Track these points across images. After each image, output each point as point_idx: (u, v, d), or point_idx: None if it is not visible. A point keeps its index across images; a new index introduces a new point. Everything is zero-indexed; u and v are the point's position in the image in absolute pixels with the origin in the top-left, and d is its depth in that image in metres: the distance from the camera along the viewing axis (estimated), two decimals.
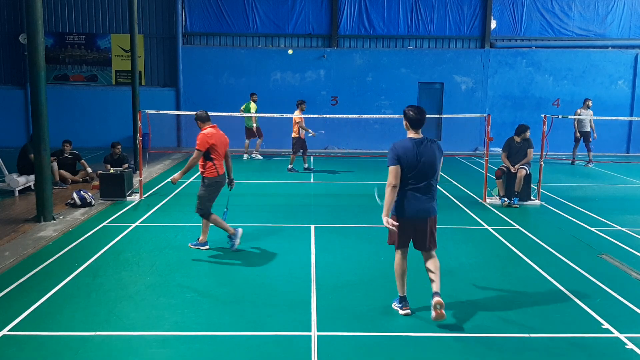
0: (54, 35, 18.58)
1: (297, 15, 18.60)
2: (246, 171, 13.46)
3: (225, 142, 7.02)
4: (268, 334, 4.71)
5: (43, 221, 8.25)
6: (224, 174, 6.98)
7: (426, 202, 4.95)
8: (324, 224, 8.47)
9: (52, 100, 10.37)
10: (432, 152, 4.89)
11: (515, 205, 9.74)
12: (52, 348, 4.45)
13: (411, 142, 4.88)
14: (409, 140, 4.91)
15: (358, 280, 6.04)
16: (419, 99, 18.81)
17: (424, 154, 4.85)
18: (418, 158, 4.83)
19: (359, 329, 4.82)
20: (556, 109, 18.47)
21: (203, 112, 7.07)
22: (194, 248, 7.04)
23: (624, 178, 13.31)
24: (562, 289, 5.83)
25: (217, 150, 6.81)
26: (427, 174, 4.89)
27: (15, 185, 10.24)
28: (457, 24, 18.70)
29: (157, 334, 4.71)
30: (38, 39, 8.07)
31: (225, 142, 7.01)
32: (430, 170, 4.90)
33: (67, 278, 5.96)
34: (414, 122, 4.92)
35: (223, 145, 6.94)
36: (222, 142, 6.93)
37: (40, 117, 8.20)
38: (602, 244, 7.53)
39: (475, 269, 6.50)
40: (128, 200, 9.95)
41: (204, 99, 18.27)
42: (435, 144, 4.98)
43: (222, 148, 6.93)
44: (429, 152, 4.88)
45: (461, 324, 4.95)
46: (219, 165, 6.85)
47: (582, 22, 18.72)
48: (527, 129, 9.83)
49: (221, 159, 6.91)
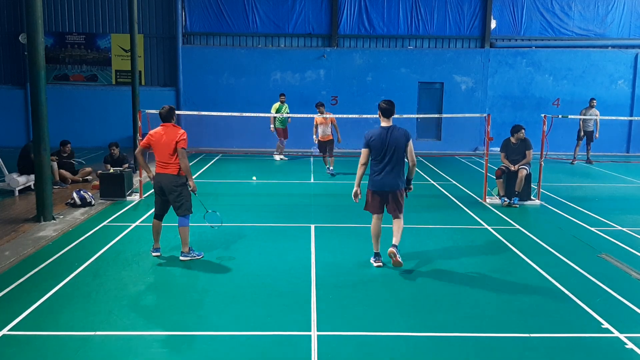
0: (54, 35, 18.58)
1: (297, 15, 18.60)
2: (246, 171, 13.45)
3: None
4: (268, 334, 4.71)
5: (43, 221, 8.25)
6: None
7: (392, 179, 6.10)
8: (324, 224, 8.46)
9: (52, 100, 10.37)
10: (398, 137, 6.01)
11: (515, 205, 9.74)
12: (53, 348, 4.45)
13: (381, 129, 6.02)
14: (379, 128, 6.05)
15: (358, 280, 6.03)
16: (418, 98, 18.82)
17: (391, 139, 5.98)
18: (386, 142, 5.97)
19: (359, 329, 4.82)
20: (556, 109, 18.47)
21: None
22: (188, 259, 6.64)
23: (624, 178, 13.31)
24: (562, 288, 5.83)
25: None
26: (392, 155, 6.01)
27: (15, 185, 10.24)
28: (457, 23, 18.70)
29: (157, 334, 4.71)
30: (38, 38, 8.07)
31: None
32: (396, 152, 6.01)
33: (67, 278, 5.96)
34: (385, 111, 6.05)
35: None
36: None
37: (40, 117, 8.19)
38: (602, 244, 7.53)
39: (475, 268, 6.49)
40: (128, 200, 9.95)
41: (204, 98, 18.28)
42: (401, 131, 6.05)
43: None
44: (395, 137, 6.00)
45: (461, 324, 4.95)
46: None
47: (582, 22, 18.72)
48: (522, 129, 9.83)
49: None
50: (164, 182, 6.50)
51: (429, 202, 10.36)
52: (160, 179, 6.54)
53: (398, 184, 6.14)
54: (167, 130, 6.50)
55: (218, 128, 17.97)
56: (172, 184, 6.48)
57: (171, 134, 6.47)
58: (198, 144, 18.40)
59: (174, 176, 6.48)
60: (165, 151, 6.47)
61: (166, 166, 6.49)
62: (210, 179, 12.81)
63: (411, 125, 18.50)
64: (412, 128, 18.64)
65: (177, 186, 6.49)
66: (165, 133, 6.49)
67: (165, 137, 6.46)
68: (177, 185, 6.49)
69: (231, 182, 12.23)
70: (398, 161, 6.06)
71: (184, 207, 6.55)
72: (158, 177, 6.57)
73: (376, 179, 6.15)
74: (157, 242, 6.77)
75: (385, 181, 6.11)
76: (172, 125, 6.55)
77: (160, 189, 6.57)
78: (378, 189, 6.17)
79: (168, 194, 6.53)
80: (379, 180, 6.13)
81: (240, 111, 15.56)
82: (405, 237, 7.62)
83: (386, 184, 6.11)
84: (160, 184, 6.53)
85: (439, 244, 7.48)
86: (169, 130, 6.50)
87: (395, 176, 6.09)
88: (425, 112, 18.47)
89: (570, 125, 15.63)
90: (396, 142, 5.99)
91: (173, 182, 6.48)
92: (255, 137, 17.95)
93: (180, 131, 6.52)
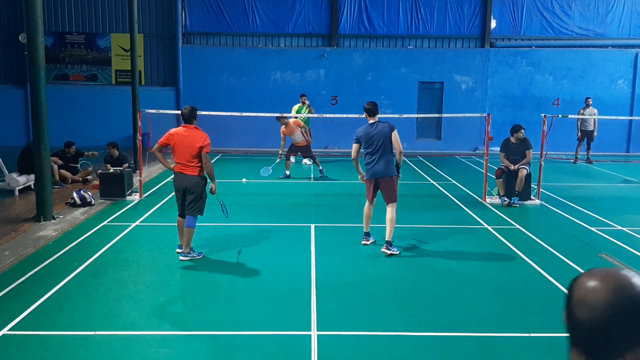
0: (54, 35, 18.57)
1: (297, 14, 18.59)
2: (246, 171, 13.45)
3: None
4: (268, 334, 4.71)
5: (43, 221, 8.25)
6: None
7: (382, 166, 6.83)
8: (324, 224, 8.46)
9: (52, 100, 10.37)
10: (383, 130, 6.77)
11: (515, 205, 9.74)
12: (52, 347, 4.45)
13: (367, 126, 6.92)
14: (366, 125, 6.94)
15: (358, 280, 6.03)
16: (418, 98, 18.82)
17: (377, 132, 6.79)
18: (372, 136, 6.79)
19: (359, 329, 4.82)
20: (556, 109, 18.46)
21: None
22: (188, 259, 6.56)
23: (624, 177, 13.31)
24: (562, 288, 5.82)
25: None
26: (380, 146, 6.77)
27: (15, 185, 10.24)
28: (457, 23, 18.69)
29: (157, 334, 4.71)
30: (38, 38, 8.07)
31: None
32: (383, 143, 6.76)
33: (67, 278, 5.95)
34: (369, 111, 6.97)
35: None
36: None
37: (40, 117, 8.19)
38: (602, 244, 7.53)
39: (475, 268, 6.49)
40: (128, 199, 9.94)
41: (204, 98, 18.25)
42: (386, 124, 6.82)
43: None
44: (379, 130, 6.80)
45: (461, 324, 4.95)
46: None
47: (582, 22, 18.70)
48: (522, 128, 9.84)
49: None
50: (185, 182, 6.45)
51: (429, 201, 10.36)
52: (181, 179, 6.49)
53: (388, 171, 6.86)
54: (190, 133, 6.44)
55: (218, 128, 17.90)
56: (193, 185, 6.44)
57: (195, 137, 6.40)
58: None
59: (194, 177, 6.44)
60: (187, 153, 6.40)
61: (187, 167, 6.45)
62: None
63: (411, 125, 18.50)
64: (412, 128, 18.63)
65: (198, 187, 6.46)
66: (189, 135, 6.42)
67: (188, 139, 6.39)
68: (198, 186, 6.46)
69: (231, 183, 12.22)
70: (385, 151, 6.81)
71: (197, 208, 6.51)
72: (178, 178, 6.51)
73: (369, 168, 6.96)
74: (181, 239, 6.69)
75: (377, 169, 6.86)
76: (194, 128, 6.49)
77: (181, 189, 6.51)
78: (371, 177, 6.97)
79: (187, 194, 6.48)
80: (371, 169, 6.92)
81: (240, 111, 15.52)
82: (406, 237, 7.64)
83: (377, 171, 6.87)
84: (181, 185, 6.48)
85: (439, 243, 7.48)
86: (192, 133, 6.43)
87: (384, 164, 6.83)
88: (425, 112, 18.46)
89: (570, 125, 15.62)
90: (382, 134, 6.78)
91: (194, 183, 6.43)
92: (255, 137, 17.95)
93: (203, 135, 6.46)
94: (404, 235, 7.70)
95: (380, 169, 6.84)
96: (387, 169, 6.84)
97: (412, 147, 17.63)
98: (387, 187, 6.88)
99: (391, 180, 6.87)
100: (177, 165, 6.51)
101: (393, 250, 6.82)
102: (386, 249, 6.82)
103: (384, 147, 6.77)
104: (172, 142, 6.48)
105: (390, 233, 6.84)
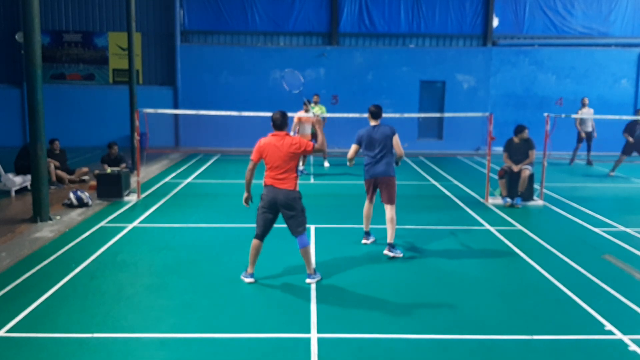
0: (50, 34, 18.49)
1: (296, 12, 18.51)
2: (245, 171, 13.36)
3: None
4: (267, 336, 4.64)
5: (39, 222, 8.17)
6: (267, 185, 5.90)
7: (382, 167, 6.90)
8: (324, 224, 8.39)
9: (48, 99, 10.31)
10: (383, 132, 6.88)
11: (517, 206, 9.66)
12: (50, 350, 4.39)
13: (370, 128, 6.99)
14: (368, 127, 7.01)
15: (358, 280, 5.97)
16: (420, 97, 18.74)
17: (378, 134, 6.89)
18: (373, 137, 6.89)
19: (359, 331, 4.75)
20: (559, 108, 18.38)
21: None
22: (315, 282, 5.96)
23: (628, 178, 13.24)
24: (565, 290, 5.75)
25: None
26: (381, 148, 6.87)
27: (11, 186, 10.16)
28: (459, 21, 18.61)
29: (155, 336, 4.64)
30: (34, 37, 7.99)
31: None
32: (383, 145, 6.86)
33: (64, 279, 5.88)
34: (373, 114, 7.04)
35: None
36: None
37: (37, 116, 8.11)
38: (606, 245, 7.46)
39: (476, 269, 6.42)
40: (125, 200, 9.86)
41: (202, 97, 18.19)
42: (386, 127, 6.92)
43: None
44: (381, 132, 6.89)
45: (462, 326, 4.88)
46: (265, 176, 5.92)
47: (585, 20, 18.63)
48: (525, 129, 9.77)
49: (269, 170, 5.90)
50: (281, 198, 5.72)
51: (431, 202, 10.29)
52: (275, 194, 5.74)
53: (388, 171, 6.92)
54: (283, 141, 5.72)
55: (217, 127, 17.89)
56: (290, 201, 5.73)
57: (289, 145, 5.71)
58: (196, 144, 18.35)
59: (291, 191, 5.73)
60: (281, 164, 5.71)
61: (282, 181, 5.73)
62: (209, 179, 12.74)
63: (412, 124, 18.42)
64: (413, 127, 18.56)
65: (297, 203, 5.78)
66: (282, 144, 5.71)
67: (283, 149, 5.70)
68: (297, 202, 5.78)
69: (230, 183, 12.15)
70: (386, 153, 6.90)
71: (303, 225, 5.85)
72: (272, 192, 5.77)
73: (368, 168, 7.01)
74: (252, 266, 5.96)
75: (376, 169, 6.94)
76: (284, 134, 5.80)
77: (273, 205, 5.81)
78: (370, 177, 7.03)
79: (284, 211, 5.80)
80: (371, 169, 6.98)
81: (239, 110, 15.43)
82: (407, 238, 7.58)
83: (377, 172, 6.94)
84: (275, 200, 5.76)
85: (440, 244, 7.41)
86: (286, 142, 5.72)
87: (385, 165, 6.91)
88: (426, 111, 18.39)
89: (572, 124, 15.53)
90: (383, 136, 6.87)
91: (292, 199, 5.74)
92: (254, 136, 17.77)
93: (296, 141, 5.76)
94: (405, 235, 7.63)
95: (380, 169, 6.91)
96: (387, 169, 6.91)
97: (413, 147, 17.55)
98: (386, 186, 6.91)
99: (390, 180, 6.92)
100: (267, 178, 5.84)
101: (396, 253, 6.74)
102: (389, 251, 6.76)
103: (386, 149, 6.89)
104: (264, 154, 5.81)
105: (391, 235, 6.80)
